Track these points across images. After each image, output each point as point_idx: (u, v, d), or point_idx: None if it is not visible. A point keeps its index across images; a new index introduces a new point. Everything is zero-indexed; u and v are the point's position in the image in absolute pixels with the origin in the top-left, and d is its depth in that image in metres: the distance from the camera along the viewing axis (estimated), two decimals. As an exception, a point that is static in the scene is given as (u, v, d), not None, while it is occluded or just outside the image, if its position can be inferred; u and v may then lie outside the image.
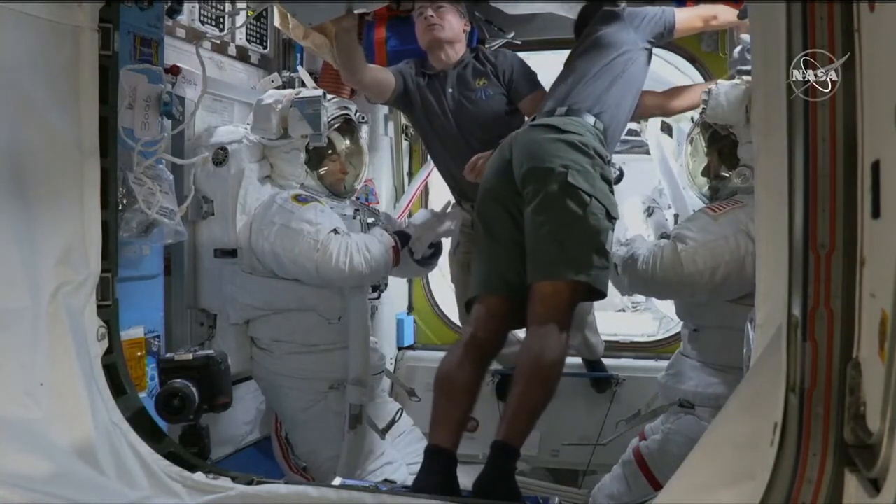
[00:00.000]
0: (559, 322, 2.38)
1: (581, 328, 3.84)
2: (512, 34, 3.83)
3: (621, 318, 5.03)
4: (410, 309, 4.60)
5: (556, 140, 2.55)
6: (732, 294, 2.79)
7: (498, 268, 2.57)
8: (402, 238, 3.23)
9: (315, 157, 3.31)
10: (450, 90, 3.22)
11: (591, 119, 2.69)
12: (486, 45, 3.74)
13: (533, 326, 2.43)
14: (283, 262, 3.07)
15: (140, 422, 2.36)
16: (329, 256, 2.96)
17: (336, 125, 3.32)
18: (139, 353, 2.62)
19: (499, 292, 2.54)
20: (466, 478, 3.86)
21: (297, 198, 3.17)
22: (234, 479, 2.22)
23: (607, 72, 2.80)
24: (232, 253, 3.25)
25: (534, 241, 2.49)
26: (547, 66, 3.92)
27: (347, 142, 3.41)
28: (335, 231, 3.02)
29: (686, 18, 3.05)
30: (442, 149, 3.31)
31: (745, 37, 3.08)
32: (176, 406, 2.44)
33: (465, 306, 2.69)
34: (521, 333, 3.93)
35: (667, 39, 3.14)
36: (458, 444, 2.38)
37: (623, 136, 5.53)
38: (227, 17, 3.50)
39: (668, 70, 4.30)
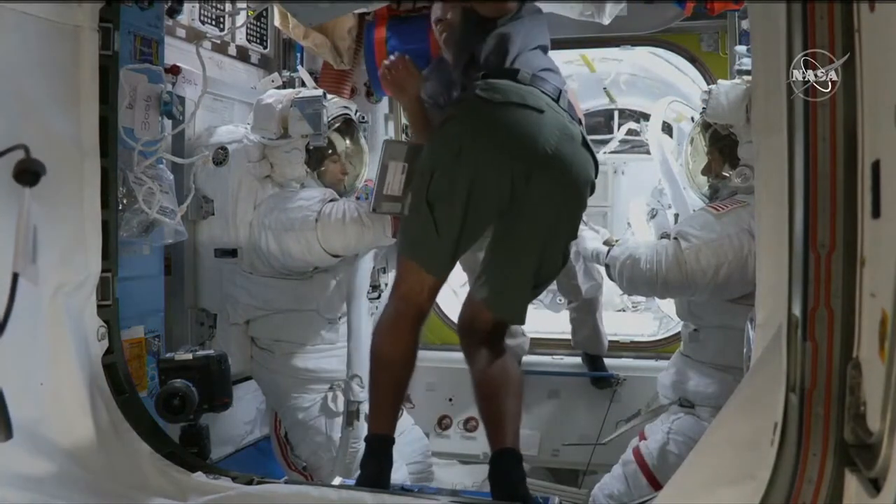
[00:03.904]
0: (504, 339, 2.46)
1: (593, 311, 3.84)
2: (512, 34, 3.82)
3: (621, 317, 5.03)
4: (410, 309, 4.59)
5: (585, 187, 2.36)
6: (734, 293, 2.79)
7: (458, 249, 2.29)
8: None
9: (315, 157, 3.31)
10: None
11: None
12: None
13: (490, 346, 2.39)
14: (288, 244, 3.07)
15: (140, 422, 2.36)
16: (327, 219, 3.00)
17: (336, 125, 3.32)
18: (139, 353, 2.62)
19: (446, 274, 2.38)
20: (468, 478, 3.88)
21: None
22: (234, 479, 2.22)
23: None
24: (232, 253, 3.25)
25: (513, 265, 2.34)
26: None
27: (347, 142, 3.41)
28: (331, 200, 3.09)
29: None
30: None
31: (740, 48, 3.11)
32: (176, 406, 2.43)
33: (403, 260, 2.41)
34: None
35: None
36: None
37: (623, 136, 5.55)
38: (227, 16, 3.50)
39: (669, 70, 4.31)
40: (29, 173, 1.35)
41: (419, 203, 2.23)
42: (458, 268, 2.72)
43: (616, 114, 5.57)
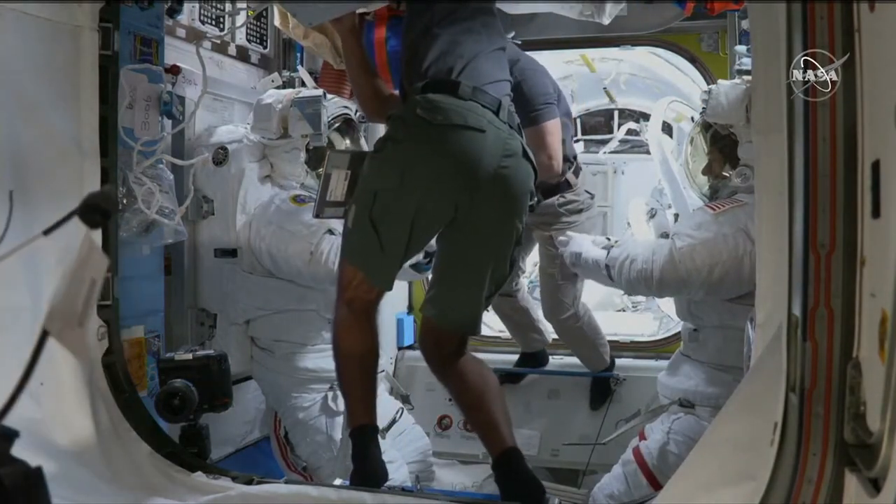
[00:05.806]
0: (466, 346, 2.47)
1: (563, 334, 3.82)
2: (512, 34, 3.82)
3: (621, 318, 5.03)
4: (410, 309, 4.60)
5: (525, 196, 2.37)
6: (730, 293, 2.80)
7: (402, 262, 2.35)
8: None
9: (315, 157, 3.31)
10: None
11: None
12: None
13: (456, 357, 2.42)
14: (278, 262, 3.09)
15: (140, 422, 2.36)
16: (321, 256, 2.96)
17: (336, 125, 3.32)
18: (139, 353, 2.62)
19: (391, 285, 2.38)
20: (468, 478, 3.88)
21: (296, 199, 3.19)
22: (234, 479, 2.22)
23: None
24: (232, 253, 3.25)
25: (462, 281, 2.37)
26: (547, 66, 3.93)
27: (347, 142, 3.41)
28: (330, 232, 3.01)
29: None
30: None
31: (740, 48, 3.11)
32: (176, 406, 2.43)
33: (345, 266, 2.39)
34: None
35: None
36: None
37: (623, 136, 5.55)
38: (227, 16, 3.50)
39: (669, 70, 4.31)
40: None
41: (363, 220, 2.24)
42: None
43: (616, 114, 5.57)
